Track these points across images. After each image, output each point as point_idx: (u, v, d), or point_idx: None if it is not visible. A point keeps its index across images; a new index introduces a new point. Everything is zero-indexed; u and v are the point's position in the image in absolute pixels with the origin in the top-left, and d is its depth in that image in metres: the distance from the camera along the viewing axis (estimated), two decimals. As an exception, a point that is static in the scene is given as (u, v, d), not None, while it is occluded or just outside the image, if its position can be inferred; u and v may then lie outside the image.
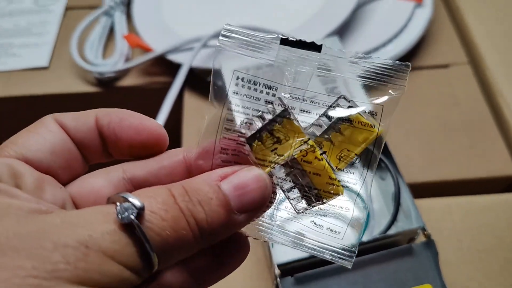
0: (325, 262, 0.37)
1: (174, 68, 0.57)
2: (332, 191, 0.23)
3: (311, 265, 0.37)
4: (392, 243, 0.38)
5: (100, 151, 0.24)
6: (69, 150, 0.23)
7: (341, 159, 0.23)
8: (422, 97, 0.56)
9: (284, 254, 0.37)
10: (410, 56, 0.58)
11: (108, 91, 0.60)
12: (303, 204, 0.23)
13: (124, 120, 0.23)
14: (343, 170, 0.23)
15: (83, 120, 0.23)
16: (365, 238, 0.38)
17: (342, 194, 0.23)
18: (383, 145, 0.23)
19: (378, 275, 0.37)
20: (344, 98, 0.23)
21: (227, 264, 0.23)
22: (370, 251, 0.37)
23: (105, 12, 0.65)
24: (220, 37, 0.23)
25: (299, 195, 0.23)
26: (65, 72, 0.62)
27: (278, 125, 0.23)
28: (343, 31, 0.58)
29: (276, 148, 0.23)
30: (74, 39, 0.61)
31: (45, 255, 0.17)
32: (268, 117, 0.23)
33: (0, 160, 0.20)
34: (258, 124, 0.23)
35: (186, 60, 0.56)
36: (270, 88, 0.23)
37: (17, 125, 0.24)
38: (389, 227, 0.39)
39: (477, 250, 0.43)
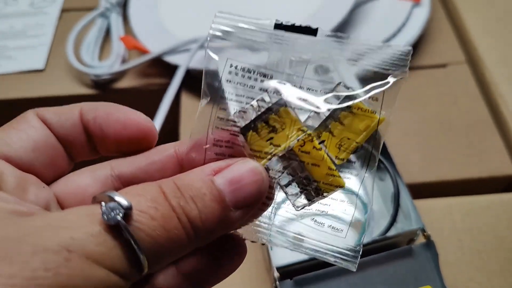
0: (324, 264, 0.36)
1: (171, 69, 0.57)
2: (332, 183, 0.21)
3: (310, 268, 0.36)
4: (391, 244, 0.38)
5: (86, 148, 0.22)
6: (52, 146, 0.21)
7: (341, 148, 0.22)
8: (421, 97, 0.55)
9: (283, 256, 0.36)
10: (408, 56, 0.58)
11: (104, 93, 0.59)
12: (302, 199, 0.22)
13: (111, 115, 0.22)
14: (343, 160, 0.22)
15: (67, 115, 0.22)
16: (364, 240, 0.37)
17: (343, 186, 0.22)
18: (381, 144, 0.22)
19: (378, 277, 0.36)
20: (343, 85, 0.22)
21: (223, 268, 0.22)
22: (370, 253, 0.37)
23: (101, 13, 0.64)
24: (213, 25, 0.22)
25: (298, 190, 0.22)
26: (61, 74, 0.61)
27: (274, 114, 0.21)
28: (340, 31, 0.57)
29: (271, 138, 0.21)
30: (70, 41, 0.60)
31: (23, 261, 0.16)
32: (263, 106, 0.21)
33: None
34: (253, 113, 0.22)
35: (183, 62, 0.55)
36: (265, 76, 0.22)
37: None
38: (388, 228, 0.39)
39: (478, 251, 0.42)
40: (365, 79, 0.22)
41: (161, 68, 0.60)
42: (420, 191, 0.47)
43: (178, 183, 0.19)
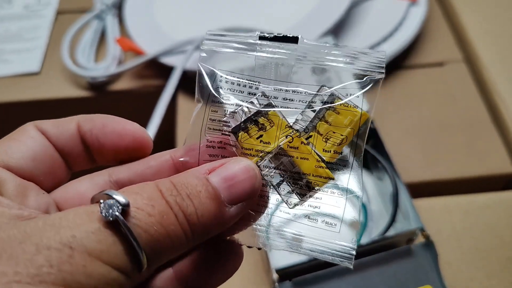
0: (323, 265, 0.36)
1: (167, 71, 0.56)
2: (322, 175, 0.22)
3: (309, 269, 0.36)
4: (391, 244, 0.38)
5: (84, 158, 0.23)
6: (51, 156, 0.22)
7: (328, 141, 0.23)
8: (418, 96, 0.55)
9: (282, 258, 0.36)
10: (405, 55, 0.58)
11: (100, 96, 0.59)
12: (295, 197, 0.23)
13: (107, 126, 0.23)
14: (330, 152, 0.23)
15: (65, 127, 0.23)
16: (363, 240, 0.37)
17: (333, 177, 0.22)
18: (366, 134, 0.23)
19: (378, 277, 0.36)
20: (326, 86, 0.23)
21: (219, 273, 0.23)
22: (369, 253, 0.37)
23: (97, 15, 0.64)
24: (204, 41, 0.23)
25: (290, 189, 0.23)
26: (57, 77, 0.61)
27: (263, 118, 0.23)
28: (337, 30, 0.57)
29: (261, 136, 0.23)
30: (65, 44, 0.60)
31: (27, 259, 0.16)
32: (253, 109, 0.23)
33: None
34: (243, 115, 0.23)
35: (179, 63, 0.55)
36: (253, 82, 0.23)
37: (9, 131, 0.23)
38: (387, 228, 0.39)
39: (477, 250, 0.42)
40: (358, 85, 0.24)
41: (157, 69, 0.59)
42: (419, 190, 0.47)
43: (175, 181, 0.20)
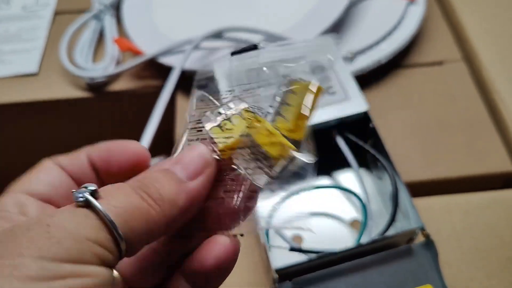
0: (323, 265, 0.36)
1: (165, 71, 0.56)
2: (285, 149, 0.24)
3: (309, 269, 0.36)
4: (391, 244, 0.38)
5: (95, 182, 0.26)
6: (67, 183, 0.25)
7: (288, 120, 0.24)
8: (418, 95, 0.55)
9: (281, 258, 0.36)
10: (404, 54, 0.58)
11: (99, 96, 0.59)
12: (263, 176, 0.24)
13: (111, 149, 0.26)
14: (294, 132, 0.24)
15: (77, 159, 0.26)
16: (363, 240, 0.37)
17: (295, 149, 0.24)
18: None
19: (378, 277, 0.36)
20: (289, 77, 0.25)
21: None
22: (369, 252, 0.37)
23: (95, 16, 0.64)
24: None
25: (258, 168, 0.24)
26: (55, 77, 0.61)
27: (237, 115, 0.24)
28: (336, 29, 0.57)
29: (231, 129, 0.24)
30: (63, 44, 0.60)
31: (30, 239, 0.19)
32: (229, 111, 0.25)
33: (7, 195, 0.24)
34: (219, 118, 0.25)
35: (177, 63, 0.55)
36: (230, 91, 0.26)
37: (8, 132, 0.24)
38: (387, 228, 0.39)
39: (477, 249, 0.42)
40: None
41: (155, 69, 0.59)
42: (419, 189, 0.47)
43: (138, 177, 0.23)
